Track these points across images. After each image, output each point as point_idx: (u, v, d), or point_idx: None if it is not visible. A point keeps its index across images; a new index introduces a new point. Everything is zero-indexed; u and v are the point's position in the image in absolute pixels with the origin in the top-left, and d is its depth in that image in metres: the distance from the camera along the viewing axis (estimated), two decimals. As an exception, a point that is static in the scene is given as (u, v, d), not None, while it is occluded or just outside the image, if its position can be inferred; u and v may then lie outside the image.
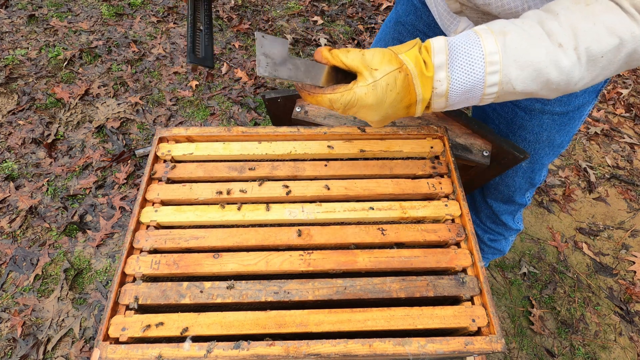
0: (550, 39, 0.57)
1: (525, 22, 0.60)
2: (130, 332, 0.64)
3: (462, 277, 0.71)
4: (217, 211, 0.78)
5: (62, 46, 2.40)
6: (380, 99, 0.62)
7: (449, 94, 0.62)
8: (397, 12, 1.12)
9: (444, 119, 1.00)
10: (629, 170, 2.23)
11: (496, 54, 0.58)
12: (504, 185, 1.16)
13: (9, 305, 1.56)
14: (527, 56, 0.58)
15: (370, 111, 0.64)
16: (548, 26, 0.58)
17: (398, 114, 0.66)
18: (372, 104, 0.62)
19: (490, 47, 0.59)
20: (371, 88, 0.61)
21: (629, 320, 1.69)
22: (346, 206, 0.79)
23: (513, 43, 0.58)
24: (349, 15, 2.88)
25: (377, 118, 0.65)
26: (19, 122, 2.06)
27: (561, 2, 0.59)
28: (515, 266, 1.83)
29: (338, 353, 0.62)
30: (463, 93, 0.62)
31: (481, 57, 0.59)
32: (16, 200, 1.81)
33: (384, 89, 0.62)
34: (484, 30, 0.61)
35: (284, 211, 0.78)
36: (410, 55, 0.62)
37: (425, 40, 0.65)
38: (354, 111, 0.65)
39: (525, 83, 0.59)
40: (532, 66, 0.58)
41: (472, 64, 0.60)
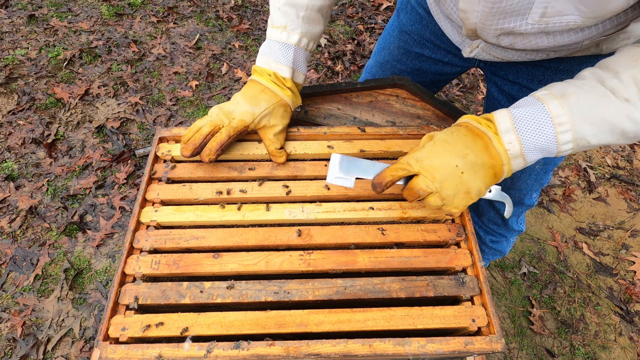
0: (616, 95, 0.61)
1: (586, 82, 0.64)
2: (130, 332, 0.64)
3: (462, 277, 0.71)
4: (217, 211, 0.78)
5: (62, 46, 2.40)
6: (456, 140, 0.68)
7: (524, 154, 0.65)
8: (400, 22, 1.11)
9: (444, 118, 1.01)
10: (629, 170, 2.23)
11: (564, 116, 0.62)
12: (515, 189, 1.15)
13: (9, 305, 1.56)
14: (596, 114, 0.61)
15: (452, 149, 0.67)
16: (610, 84, 0.61)
17: (481, 170, 0.68)
18: (447, 140, 0.68)
19: (556, 110, 0.63)
20: (442, 133, 0.70)
21: (629, 320, 1.69)
22: (346, 206, 0.79)
23: (578, 103, 0.62)
24: (349, 15, 2.88)
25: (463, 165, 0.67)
26: (19, 122, 2.06)
27: (619, 61, 0.63)
28: (515, 266, 1.83)
29: (338, 353, 0.62)
30: (538, 151, 0.65)
31: (549, 119, 0.63)
32: (16, 200, 1.81)
33: (453, 133, 0.69)
34: (545, 95, 0.65)
35: (284, 211, 0.78)
36: (470, 117, 0.70)
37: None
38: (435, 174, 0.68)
39: (599, 137, 0.63)
40: (604, 122, 0.61)
41: (541, 127, 0.63)
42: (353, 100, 1.04)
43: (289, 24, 0.82)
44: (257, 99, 0.82)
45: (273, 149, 0.84)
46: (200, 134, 0.80)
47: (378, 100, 1.04)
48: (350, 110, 1.03)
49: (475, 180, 0.67)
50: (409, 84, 1.00)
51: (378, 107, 1.03)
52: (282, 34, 0.83)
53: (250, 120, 0.82)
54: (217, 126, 0.81)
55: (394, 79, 1.01)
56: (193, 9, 2.77)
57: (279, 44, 0.83)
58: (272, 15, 0.84)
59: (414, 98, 1.03)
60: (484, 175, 0.67)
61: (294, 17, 0.82)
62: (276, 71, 0.83)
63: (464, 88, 2.55)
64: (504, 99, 1.02)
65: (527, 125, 0.64)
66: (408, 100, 1.03)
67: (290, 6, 0.82)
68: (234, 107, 0.82)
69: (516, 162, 0.66)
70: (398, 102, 1.03)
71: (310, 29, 0.85)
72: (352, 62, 2.58)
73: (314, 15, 0.83)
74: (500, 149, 0.65)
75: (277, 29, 0.83)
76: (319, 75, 2.46)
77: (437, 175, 0.66)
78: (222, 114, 0.81)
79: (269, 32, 0.85)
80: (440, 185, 0.67)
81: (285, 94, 0.84)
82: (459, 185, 0.67)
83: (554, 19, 0.65)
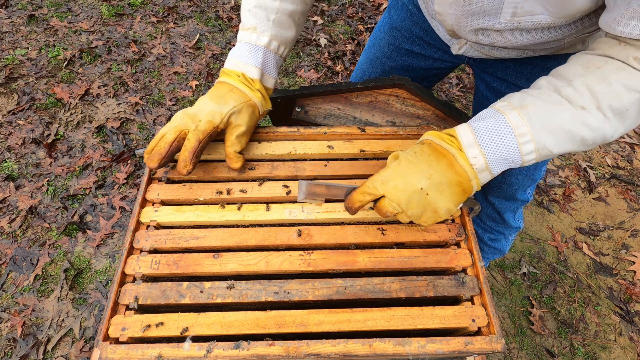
0: (572, 103, 0.61)
1: (542, 91, 0.65)
2: (130, 332, 0.64)
3: (462, 277, 0.71)
4: (217, 211, 0.78)
5: (62, 46, 2.40)
6: (419, 160, 0.67)
7: (490, 167, 0.65)
8: (391, 17, 1.11)
9: (444, 118, 1.01)
10: (629, 170, 2.23)
11: (524, 126, 0.62)
12: (506, 184, 1.16)
13: (9, 305, 1.56)
14: (555, 123, 0.62)
15: (416, 170, 0.66)
16: (565, 93, 0.62)
17: (447, 186, 0.67)
18: (411, 160, 0.68)
19: (515, 121, 0.63)
20: (406, 153, 0.69)
21: (629, 320, 1.69)
22: None
23: (537, 113, 0.62)
24: (349, 15, 2.88)
25: (428, 184, 0.66)
26: (19, 122, 2.06)
27: (572, 69, 0.63)
28: (515, 266, 1.83)
29: (338, 353, 0.62)
30: (502, 163, 0.65)
31: (509, 130, 0.63)
32: (16, 200, 1.81)
33: (417, 153, 0.68)
34: (504, 107, 0.66)
35: (284, 211, 0.78)
36: (433, 134, 0.70)
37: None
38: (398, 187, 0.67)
39: (560, 145, 0.63)
40: (563, 130, 0.62)
41: (503, 138, 0.64)
42: (353, 100, 1.04)
43: (259, 26, 0.81)
44: (224, 98, 0.79)
45: (231, 151, 0.79)
46: (165, 142, 0.75)
47: (378, 100, 1.04)
48: (350, 110, 1.03)
49: (442, 200, 0.66)
50: (409, 84, 1.00)
51: (378, 107, 1.03)
52: (251, 35, 0.81)
53: (219, 120, 0.77)
54: (182, 131, 0.76)
55: (394, 79, 1.00)
56: (193, 9, 2.77)
57: (248, 45, 0.81)
58: (243, 17, 0.83)
59: (414, 98, 1.03)
60: (451, 194, 0.66)
61: (264, 19, 0.81)
62: (244, 72, 0.81)
63: (464, 88, 2.55)
64: (492, 95, 1.03)
65: (489, 138, 0.64)
66: (408, 100, 1.03)
67: (261, 8, 0.81)
68: (200, 108, 0.78)
69: (483, 176, 0.66)
70: (398, 102, 1.03)
71: (281, 33, 0.83)
72: (352, 62, 2.58)
73: (284, 19, 0.83)
74: (465, 165, 0.65)
75: (247, 30, 0.82)
76: (319, 75, 2.46)
77: (402, 197, 0.66)
78: (187, 117, 0.77)
79: (239, 34, 0.84)
80: (406, 206, 0.66)
81: (255, 95, 0.81)
82: (425, 205, 0.67)
83: (525, 18, 0.67)
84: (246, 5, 0.83)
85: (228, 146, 0.79)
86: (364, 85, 1.01)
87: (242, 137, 0.80)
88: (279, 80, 2.44)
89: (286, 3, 0.82)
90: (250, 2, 0.82)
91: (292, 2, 0.83)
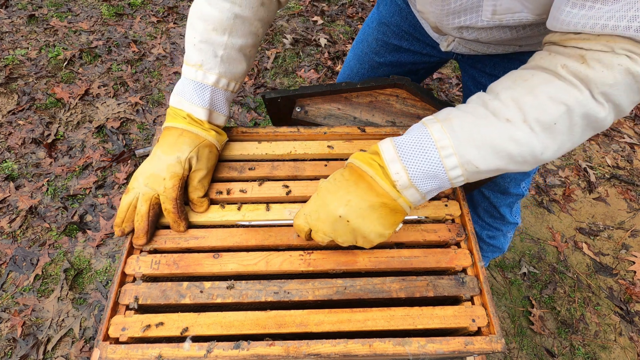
0: (497, 116, 0.58)
1: (469, 105, 0.62)
2: (130, 332, 0.64)
3: (462, 277, 0.71)
4: (216, 211, 0.78)
5: (62, 46, 2.40)
6: (337, 187, 0.65)
7: (414, 184, 0.61)
8: (380, 13, 1.11)
9: (444, 119, 1.01)
10: (629, 170, 2.23)
11: (446, 139, 0.59)
12: (500, 177, 1.16)
13: (9, 305, 1.56)
14: (478, 135, 0.58)
15: (333, 199, 0.64)
16: (491, 106, 0.59)
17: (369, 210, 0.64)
18: (329, 188, 0.65)
19: (437, 134, 0.60)
20: (326, 181, 0.67)
21: (629, 320, 1.69)
22: None
23: (460, 126, 0.59)
24: (349, 15, 2.88)
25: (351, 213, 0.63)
26: (19, 122, 2.06)
27: (501, 82, 0.61)
28: (515, 266, 1.83)
29: (338, 353, 0.62)
30: (428, 179, 0.61)
31: (431, 143, 0.60)
32: (16, 200, 1.81)
33: (336, 180, 0.66)
34: (430, 120, 0.63)
35: (284, 211, 0.78)
36: (356, 157, 0.66)
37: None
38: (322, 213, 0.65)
39: (487, 160, 0.59)
40: (488, 145, 0.58)
41: (424, 152, 0.60)
42: (353, 100, 1.04)
43: (205, 63, 0.74)
44: (177, 145, 0.73)
45: (194, 197, 0.76)
46: (142, 217, 0.71)
47: (378, 100, 1.04)
48: (350, 110, 1.03)
49: (367, 225, 0.63)
50: (409, 84, 1.00)
51: (378, 107, 1.03)
52: (197, 73, 0.74)
53: (181, 170, 0.73)
54: (152, 197, 0.72)
55: (394, 79, 1.01)
56: (193, 9, 2.77)
57: (194, 84, 0.75)
58: (187, 51, 0.76)
59: (414, 98, 1.03)
60: (377, 217, 0.63)
61: (211, 56, 0.74)
62: (191, 113, 0.75)
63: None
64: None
65: (411, 152, 0.61)
66: (408, 100, 1.03)
67: (207, 43, 0.74)
68: (157, 165, 0.73)
69: (409, 193, 0.62)
70: (398, 102, 1.03)
71: (231, 69, 0.77)
72: (352, 62, 2.58)
73: (234, 54, 0.76)
74: (384, 185, 0.61)
75: (192, 67, 0.75)
76: (319, 75, 2.47)
77: (325, 228, 0.65)
78: (150, 181, 0.72)
79: (184, 69, 0.76)
80: (334, 235, 0.65)
81: (209, 134, 0.76)
82: (350, 232, 0.64)
83: (506, 16, 0.66)
84: (190, 39, 0.75)
85: (191, 192, 0.76)
86: (364, 85, 1.01)
87: (203, 180, 0.77)
88: (279, 80, 2.44)
89: (235, 37, 0.75)
90: (194, 35, 0.74)
91: (241, 35, 0.76)
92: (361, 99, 1.04)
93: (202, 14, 0.73)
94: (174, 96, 0.77)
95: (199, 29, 0.74)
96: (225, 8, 0.72)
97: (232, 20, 0.73)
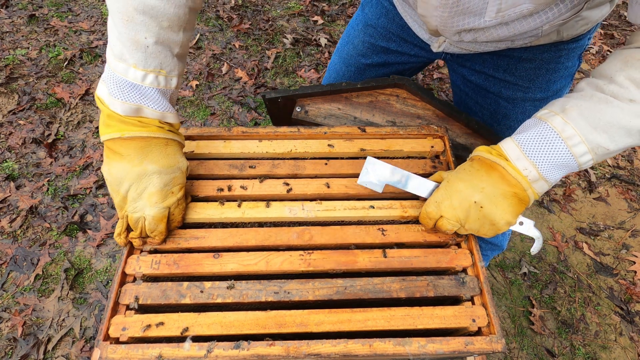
0: (618, 98, 0.60)
1: (582, 93, 0.64)
2: (131, 332, 0.64)
3: (462, 277, 0.71)
4: (216, 208, 0.78)
5: (63, 46, 2.40)
6: (471, 176, 0.69)
7: (544, 176, 0.65)
8: (365, 15, 1.10)
9: (444, 118, 1.01)
10: (630, 170, 2.23)
11: (570, 129, 0.62)
12: None
13: (9, 305, 1.56)
14: (602, 119, 0.61)
15: (467, 186, 0.68)
16: (609, 90, 0.62)
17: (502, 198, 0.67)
18: (462, 177, 0.69)
19: (560, 126, 0.62)
20: (454, 172, 0.72)
21: (630, 320, 1.69)
22: (347, 204, 0.79)
23: (580, 114, 0.62)
24: (349, 15, 2.88)
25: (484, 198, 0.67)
26: (20, 122, 2.06)
27: (611, 66, 0.63)
28: (516, 266, 1.83)
29: (338, 353, 0.62)
30: (557, 170, 0.64)
31: (556, 136, 0.63)
32: (17, 200, 1.81)
33: (466, 170, 0.70)
34: (546, 114, 0.65)
35: (284, 209, 0.78)
36: (481, 150, 0.70)
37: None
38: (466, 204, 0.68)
39: (617, 141, 0.61)
40: (615, 126, 0.60)
41: (551, 145, 0.63)
42: (353, 100, 1.04)
43: (164, 66, 0.67)
44: (170, 155, 0.70)
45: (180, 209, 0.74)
46: (161, 232, 0.71)
47: (378, 100, 1.04)
48: (350, 110, 1.03)
49: (498, 212, 0.67)
50: (410, 84, 1.00)
51: (378, 107, 1.03)
52: (159, 79, 0.67)
53: (185, 179, 0.73)
54: (167, 214, 0.71)
55: (394, 79, 1.00)
56: (193, 8, 2.77)
57: (156, 91, 0.67)
58: (138, 57, 0.64)
59: (414, 98, 1.03)
60: (508, 205, 0.66)
61: (169, 57, 0.67)
62: (160, 119, 0.69)
63: (464, 88, 2.54)
64: (470, 90, 1.04)
65: (536, 148, 0.64)
66: (408, 100, 1.03)
67: (163, 45, 0.66)
68: (161, 181, 0.69)
69: (538, 185, 0.66)
70: (398, 102, 1.03)
71: (183, 66, 0.72)
72: (353, 62, 2.57)
73: (185, 50, 0.72)
74: (517, 176, 0.65)
75: (150, 72, 0.65)
76: (319, 75, 2.46)
77: (459, 214, 0.68)
78: (159, 199, 0.69)
79: (130, 72, 0.65)
80: (465, 221, 0.69)
81: (181, 137, 0.74)
82: (481, 219, 0.68)
83: (509, 11, 0.67)
84: (135, 38, 0.63)
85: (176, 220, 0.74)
86: (364, 85, 1.01)
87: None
88: (279, 80, 2.44)
89: (188, 32, 0.70)
90: (144, 35, 0.63)
91: (191, 28, 0.71)
92: (361, 99, 1.04)
93: (149, 8, 0.62)
94: (123, 103, 0.65)
95: (151, 28, 0.63)
96: (181, 2, 0.65)
97: (187, 15, 0.67)
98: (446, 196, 0.70)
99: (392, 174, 0.77)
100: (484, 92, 1.01)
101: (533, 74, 0.93)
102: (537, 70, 0.92)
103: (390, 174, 0.77)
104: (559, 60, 0.91)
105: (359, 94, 1.04)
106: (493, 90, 0.99)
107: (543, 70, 0.92)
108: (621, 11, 3.05)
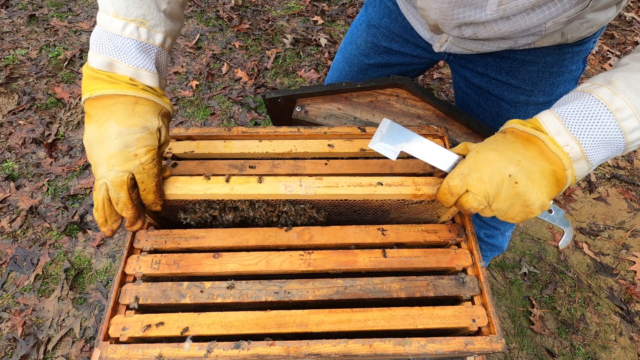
0: None
1: (629, 66, 0.58)
2: (131, 332, 0.64)
3: (462, 277, 0.71)
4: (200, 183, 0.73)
5: (63, 46, 2.40)
6: (505, 146, 0.60)
7: (587, 155, 0.57)
8: (368, 15, 1.10)
9: (444, 118, 1.01)
10: (630, 170, 2.23)
11: (620, 100, 0.55)
12: None
13: (9, 305, 1.56)
14: None
15: (501, 157, 0.59)
16: None
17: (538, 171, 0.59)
18: (494, 147, 0.60)
19: (608, 97, 0.56)
20: (485, 142, 0.63)
21: (630, 320, 1.69)
22: (350, 181, 0.73)
23: (629, 85, 0.56)
24: (349, 15, 2.88)
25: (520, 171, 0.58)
26: (20, 122, 2.06)
27: None
28: (516, 266, 1.83)
29: (338, 353, 0.62)
30: (602, 147, 0.57)
31: (604, 108, 0.56)
32: (16, 200, 1.81)
33: (498, 141, 0.61)
34: (591, 87, 0.59)
35: (278, 185, 0.73)
36: (515, 122, 0.62)
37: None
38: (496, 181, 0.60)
39: None
40: None
41: (597, 119, 0.56)
42: (353, 100, 1.04)
43: (148, 18, 0.62)
44: (137, 114, 0.62)
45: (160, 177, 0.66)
46: (125, 204, 0.63)
47: (378, 100, 1.04)
48: (350, 110, 1.03)
49: (534, 190, 0.57)
50: (410, 84, 1.00)
51: (378, 107, 1.03)
52: (140, 31, 0.62)
53: (156, 141, 0.63)
54: (127, 179, 0.61)
55: (394, 79, 1.00)
56: (193, 9, 2.77)
57: (136, 44, 0.62)
58: (119, 4, 0.61)
59: (414, 98, 1.03)
60: (545, 184, 0.58)
61: (154, 10, 0.63)
62: (134, 77, 0.63)
63: (464, 88, 2.54)
64: (472, 92, 1.03)
65: (580, 122, 0.56)
66: (408, 100, 1.03)
67: None
68: (119, 142, 0.60)
69: (579, 166, 0.58)
70: (398, 102, 1.03)
71: (173, 27, 0.67)
72: (353, 62, 2.58)
73: (177, 10, 0.67)
74: (559, 152, 0.57)
75: (131, 22, 0.61)
76: (319, 75, 2.46)
77: (488, 189, 0.59)
78: (116, 161, 0.60)
79: (110, 21, 0.61)
80: (493, 199, 0.60)
81: (164, 101, 0.66)
82: (514, 197, 0.59)
83: (511, 4, 0.65)
84: None
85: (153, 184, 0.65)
86: (364, 85, 1.01)
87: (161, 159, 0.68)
88: (279, 80, 2.44)
89: None
90: None
91: None
92: (361, 98, 1.04)
93: None
94: (98, 56, 0.61)
95: None
96: None
97: None
98: (475, 167, 0.60)
99: (409, 139, 0.67)
100: (486, 94, 1.01)
101: (536, 77, 0.92)
102: (541, 73, 0.91)
103: (406, 139, 0.66)
104: (562, 63, 0.89)
105: (359, 94, 1.04)
106: (495, 93, 0.99)
107: (546, 74, 0.91)
108: (621, 11, 3.05)
